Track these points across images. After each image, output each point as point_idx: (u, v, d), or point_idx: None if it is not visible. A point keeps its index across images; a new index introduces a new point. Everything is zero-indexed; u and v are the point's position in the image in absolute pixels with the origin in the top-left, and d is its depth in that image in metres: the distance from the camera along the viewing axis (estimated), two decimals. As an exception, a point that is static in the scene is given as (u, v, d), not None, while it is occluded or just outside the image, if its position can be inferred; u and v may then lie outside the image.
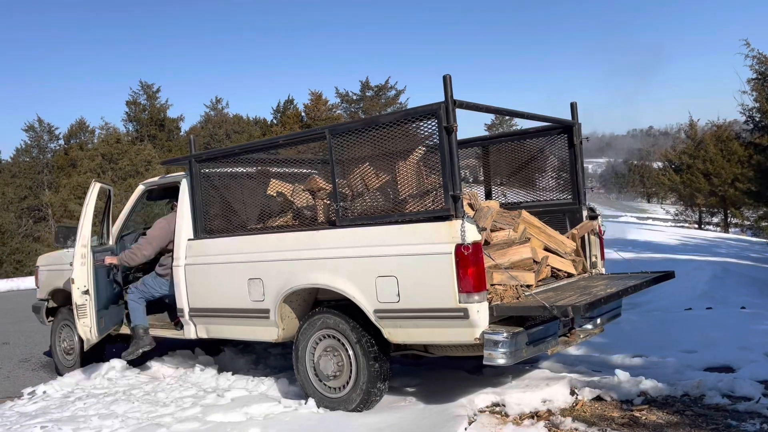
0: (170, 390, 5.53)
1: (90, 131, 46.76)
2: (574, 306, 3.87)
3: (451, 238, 4.04)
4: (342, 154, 4.67)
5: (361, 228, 4.53)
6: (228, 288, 5.33)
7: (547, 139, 5.95)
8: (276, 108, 49.07)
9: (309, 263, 4.78)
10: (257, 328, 5.23)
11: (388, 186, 4.61)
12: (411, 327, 4.28)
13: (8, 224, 37.57)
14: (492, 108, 4.81)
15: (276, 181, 5.46)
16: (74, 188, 34.23)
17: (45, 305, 7.28)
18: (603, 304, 4.22)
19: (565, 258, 5.37)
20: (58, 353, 7.07)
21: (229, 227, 5.53)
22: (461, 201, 4.12)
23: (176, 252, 5.74)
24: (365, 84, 49.14)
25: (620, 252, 7.78)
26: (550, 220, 5.67)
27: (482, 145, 6.44)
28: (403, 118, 4.37)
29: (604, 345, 5.91)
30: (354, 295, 4.50)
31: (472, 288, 3.98)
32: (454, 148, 4.08)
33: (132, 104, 46.52)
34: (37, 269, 7.45)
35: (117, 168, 35.51)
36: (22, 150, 46.57)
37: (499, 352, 3.92)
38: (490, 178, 6.41)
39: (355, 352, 4.58)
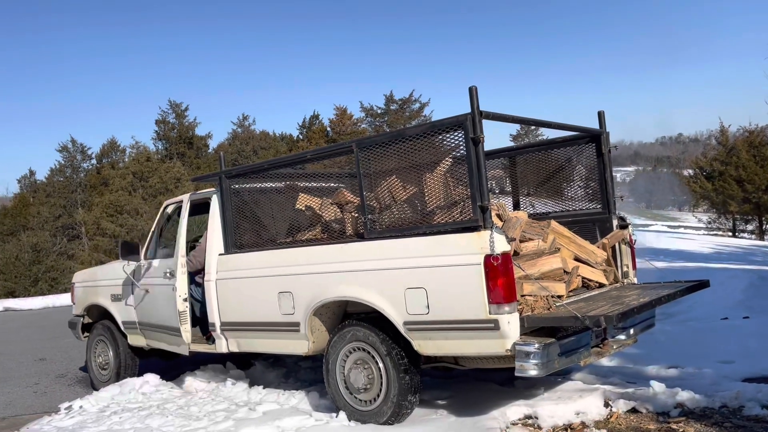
0: (203, 404, 5.59)
1: (121, 150, 47.75)
2: (607, 316, 3.83)
3: (480, 249, 4.03)
4: (369, 167, 4.70)
5: (390, 240, 4.54)
6: (258, 302, 5.38)
7: (575, 148, 5.92)
8: (302, 123, 49.57)
9: (338, 276, 4.80)
10: (288, 341, 5.26)
11: (416, 198, 4.62)
12: (441, 339, 4.27)
13: (44, 243, 38.48)
14: (518, 118, 4.81)
15: (304, 195, 5.52)
16: (106, 206, 34.90)
17: (81, 321, 7.43)
18: (636, 314, 4.16)
19: (596, 268, 5.31)
20: (94, 368, 7.20)
21: (259, 242, 5.59)
22: (490, 212, 4.11)
23: (207, 267, 5.82)
24: (389, 98, 49.37)
25: (652, 261, 7.65)
26: (579, 230, 5.62)
27: (509, 155, 6.43)
28: (429, 130, 4.39)
29: (638, 356, 5.81)
30: (383, 307, 4.50)
31: (503, 299, 3.95)
32: (482, 158, 4.08)
33: (161, 123, 47.39)
34: (73, 286, 7.62)
35: (147, 186, 36.14)
36: (56, 170, 47.74)
37: (531, 363, 3.88)
38: (517, 189, 6.38)
39: (385, 364, 4.58)
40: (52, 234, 42.08)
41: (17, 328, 13.29)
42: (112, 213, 34.37)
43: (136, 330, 6.66)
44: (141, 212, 33.80)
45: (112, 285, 6.93)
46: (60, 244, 41.33)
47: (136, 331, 6.67)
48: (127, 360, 6.90)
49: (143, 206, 34.18)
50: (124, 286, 6.77)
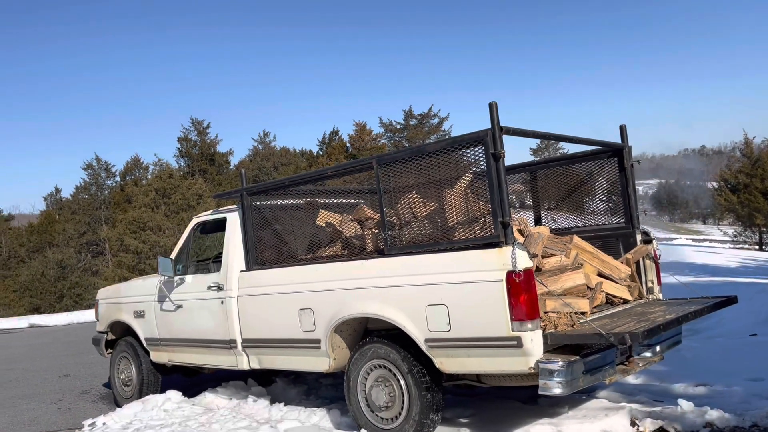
0: (224, 421, 5.58)
1: (144, 167, 48.47)
2: (632, 333, 3.76)
3: (502, 265, 3.99)
4: (389, 183, 4.70)
5: (410, 256, 4.53)
6: (279, 318, 5.38)
7: (597, 162, 5.87)
8: (322, 139, 49.96)
9: (358, 293, 4.79)
10: (308, 358, 5.25)
11: (436, 214, 4.61)
12: (463, 356, 4.23)
13: (69, 259, 39.08)
14: (539, 133, 4.77)
15: (325, 211, 5.53)
16: (129, 223, 35.35)
17: (104, 337, 7.49)
18: (662, 331, 4.08)
19: (620, 284, 5.24)
20: (117, 385, 7.25)
21: (280, 258, 5.61)
22: (511, 227, 4.08)
23: (228, 284, 5.85)
24: (408, 113, 49.56)
25: (677, 276, 7.53)
26: (602, 245, 5.55)
27: (530, 170, 6.39)
28: (450, 146, 4.38)
29: (664, 373, 5.69)
30: (404, 324, 4.48)
31: (525, 316, 3.91)
32: (503, 174, 4.05)
33: (183, 140, 48.06)
34: (97, 302, 7.69)
35: (170, 202, 36.55)
36: (81, 188, 48.57)
37: (555, 381, 3.82)
38: (539, 204, 6.34)
39: (406, 382, 4.54)
40: (76, 250, 42.74)
41: (43, 344, 13.45)
42: (135, 229, 34.79)
43: (160, 346, 6.70)
44: (163, 228, 34.16)
45: (136, 301, 6.99)
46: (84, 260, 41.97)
47: (160, 347, 6.71)
48: (150, 377, 6.94)
49: (166, 222, 34.56)
50: (147, 303, 6.82)
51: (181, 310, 6.38)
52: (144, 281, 7.17)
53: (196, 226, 6.66)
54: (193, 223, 6.69)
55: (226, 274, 5.91)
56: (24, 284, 37.47)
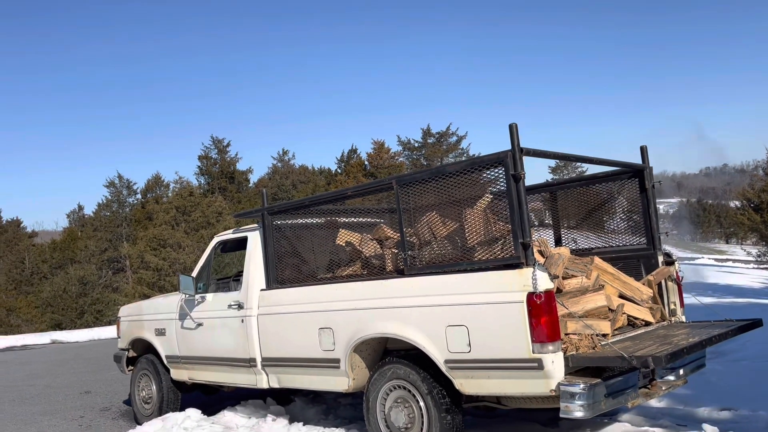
0: (243, 440, 5.59)
1: (165, 185, 49.07)
2: (655, 356, 3.72)
3: (523, 287, 3.98)
4: (409, 203, 4.73)
5: (430, 276, 4.53)
6: (299, 337, 5.40)
7: (617, 183, 5.85)
8: (340, 158, 50.23)
9: (378, 312, 4.80)
10: (328, 377, 5.26)
11: (456, 234, 4.62)
12: (483, 378, 4.21)
13: (90, 275, 39.56)
14: (559, 154, 4.78)
15: (345, 230, 5.57)
16: (150, 240, 35.71)
17: (125, 355, 7.56)
18: (685, 355, 4.03)
19: (642, 305, 5.19)
20: (137, 402, 7.30)
21: (300, 277, 5.65)
22: (531, 248, 4.08)
23: (248, 302, 5.90)
24: (426, 131, 49.77)
25: (699, 297, 7.43)
26: (623, 267, 5.52)
27: (550, 190, 6.39)
28: (470, 167, 4.40)
29: (688, 397, 5.60)
30: (424, 344, 4.47)
31: (546, 338, 3.89)
32: (523, 195, 4.06)
33: (204, 158, 48.65)
34: (119, 320, 7.78)
35: (190, 220, 36.91)
36: (103, 205, 49.28)
37: (577, 404, 3.79)
38: (559, 224, 6.32)
39: (426, 403, 4.53)
40: (98, 267, 43.24)
41: (64, 361, 13.59)
42: (156, 246, 35.14)
43: (180, 364, 6.75)
44: (183, 246, 34.46)
45: (157, 319, 7.06)
46: (105, 277, 42.41)
47: (180, 365, 6.75)
48: (170, 394, 6.98)
49: (185, 240, 34.87)
50: (168, 320, 6.88)
51: (201, 328, 6.43)
52: (165, 299, 7.24)
53: (218, 244, 6.73)
54: (215, 241, 6.76)
55: (247, 293, 5.96)
56: (46, 300, 37.96)
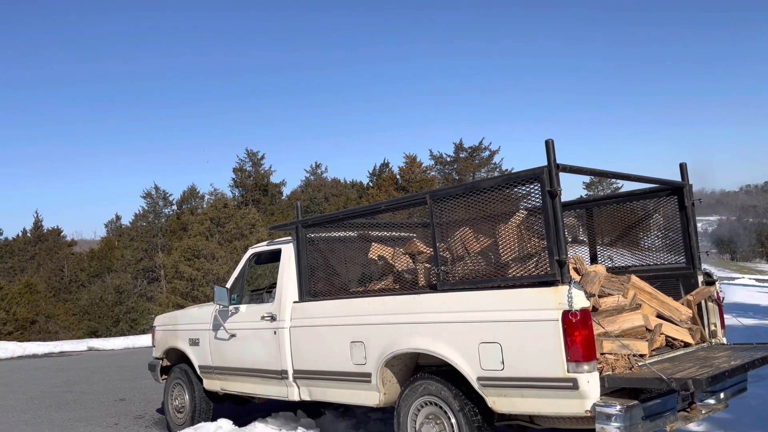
0: (274, 452, 5.61)
1: (200, 197, 49.96)
2: (695, 379, 3.62)
3: (558, 305, 3.93)
4: (443, 218, 4.72)
5: (463, 292, 4.50)
6: (331, 351, 5.41)
7: (656, 200, 5.75)
8: (372, 171, 50.48)
9: (410, 327, 4.78)
10: (359, 391, 5.25)
11: (490, 250, 4.58)
12: (516, 396, 4.15)
13: (126, 284, 40.39)
14: (596, 171, 4.71)
15: (377, 244, 5.58)
16: (184, 250, 36.29)
17: (160, 364, 7.67)
18: (727, 378, 3.91)
19: (681, 326, 5.07)
20: (170, 411, 7.38)
21: (332, 290, 5.67)
22: (567, 266, 4.02)
23: (281, 314, 5.94)
24: (459, 146, 49.71)
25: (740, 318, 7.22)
26: (662, 286, 5.40)
27: (586, 207, 6.30)
28: (505, 183, 4.37)
29: (728, 421, 5.43)
30: (456, 361, 4.44)
31: (582, 357, 3.82)
32: (559, 212, 4.01)
33: (238, 171, 49.39)
34: (154, 329, 7.90)
35: (224, 231, 37.43)
36: (140, 215, 50.37)
37: (613, 426, 3.70)
38: (595, 242, 6.23)
39: (458, 420, 4.48)
40: (133, 276, 44.13)
41: (100, 368, 13.85)
42: (190, 257, 35.68)
43: (213, 374, 6.81)
44: (217, 257, 34.93)
45: (191, 329, 7.15)
46: (140, 286, 43.26)
47: (213, 375, 6.82)
48: (202, 404, 7.05)
49: (219, 251, 35.34)
50: (202, 330, 6.97)
51: (234, 339, 6.49)
52: (200, 309, 7.33)
53: (252, 256, 6.80)
54: (249, 253, 6.84)
55: (280, 305, 6.00)
56: (83, 308, 38.86)
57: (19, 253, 49.02)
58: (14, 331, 32.58)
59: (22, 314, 34.80)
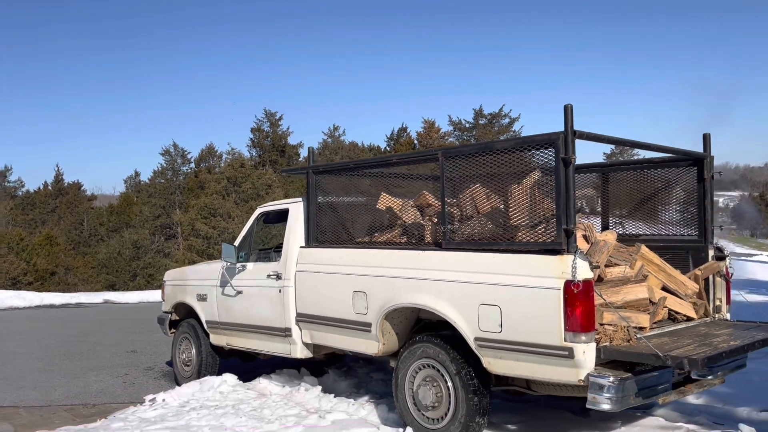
0: (275, 407, 5.72)
1: (218, 156, 50.15)
2: (691, 359, 3.58)
3: (561, 274, 3.90)
4: (453, 176, 4.66)
5: (467, 253, 4.48)
6: (333, 298, 5.47)
7: (675, 170, 5.66)
8: (390, 135, 50.19)
9: (412, 283, 4.79)
10: (359, 339, 5.31)
11: (498, 213, 4.53)
12: (511, 360, 4.17)
13: (143, 240, 40.92)
14: (614, 139, 4.56)
15: (386, 195, 5.53)
16: (201, 209, 36.61)
17: (168, 318, 7.80)
18: (724, 359, 3.86)
19: (685, 300, 5.02)
20: (178, 364, 7.54)
21: (339, 239, 5.69)
22: (574, 236, 3.96)
23: (286, 273, 5.97)
24: (478, 112, 49.13)
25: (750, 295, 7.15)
26: (671, 258, 5.35)
27: (602, 171, 6.19)
28: (519, 146, 4.28)
29: (729, 396, 5.43)
30: (455, 320, 4.45)
31: (580, 328, 3.81)
32: (571, 180, 3.93)
33: (256, 131, 49.34)
34: (164, 283, 8.01)
35: (240, 191, 37.64)
36: (158, 172, 50.72)
37: (604, 396, 3.71)
38: (608, 208, 6.15)
39: (454, 383, 4.52)
40: (151, 232, 44.69)
41: (114, 320, 14.13)
42: (206, 215, 36.02)
43: (219, 329, 6.92)
44: (233, 216, 35.22)
45: (199, 285, 7.24)
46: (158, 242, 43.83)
47: (219, 330, 6.93)
48: (209, 358, 7.18)
49: (235, 210, 35.61)
50: (210, 287, 7.05)
51: (240, 296, 6.57)
52: (208, 266, 7.41)
53: (260, 215, 6.83)
54: (257, 212, 6.86)
55: (285, 264, 6.04)
56: (102, 261, 39.54)
57: (40, 206, 49.77)
58: (34, 282, 33.33)
59: (42, 265, 35.54)
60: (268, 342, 6.31)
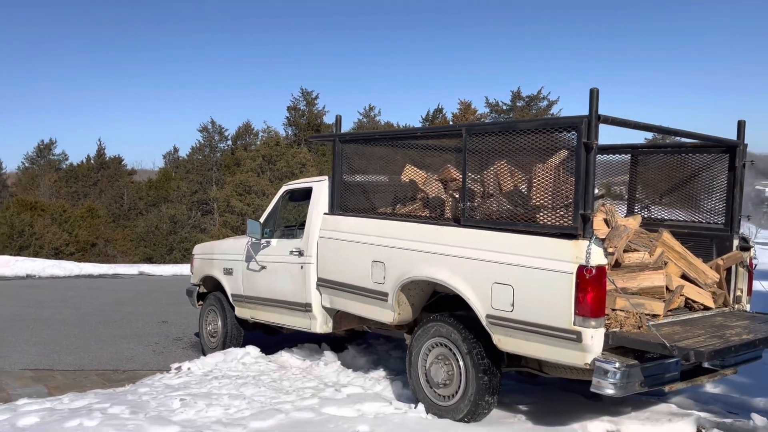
0: (294, 380, 5.89)
1: (254, 134, 50.54)
2: (698, 351, 3.57)
3: (575, 258, 3.91)
4: (476, 153, 4.68)
5: (485, 231, 4.50)
6: (353, 265, 5.59)
7: (706, 156, 5.58)
8: (425, 117, 49.86)
9: (429, 257, 4.86)
10: (375, 308, 5.43)
11: (517, 194, 4.55)
12: (521, 339, 4.21)
13: (180, 215, 41.75)
14: (641, 124, 4.47)
15: (411, 166, 5.55)
16: (236, 186, 37.16)
17: (196, 290, 8.03)
18: (733, 353, 3.84)
19: (704, 289, 4.97)
20: (204, 335, 7.78)
21: (361, 207, 5.79)
22: (591, 221, 3.96)
23: (308, 249, 6.11)
24: (516, 94, 48.43)
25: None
26: (695, 245, 5.29)
27: (632, 153, 6.12)
28: (541, 127, 4.27)
29: (746, 386, 5.39)
30: (469, 296, 4.51)
31: (590, 313, 3.83)
32: (592, 165, 3.92)
33: (292, 110, 49.58)
34: (193, 256, 8.24)
35: (275, 169, 38.03)
36: (196, 148, 51.46)
37: (609, 382, 3.73)
38: (635, 190, 6.09)
39: (465, 362, 4.60)
40: (188, 207, 45.52)
41: (148, 291, 14.57)
42: (242, 192, 36.56)
43: (244, 303, 7.12)
44: (267, 193, 35.67)
45: (226, 259, 7.44)
46: (194, 217, 44.64)
47: (244, 303, 7.12)
48: (233, 331, 7.39)
49: (269, 188, 36.05)
50: (236, 261, 7.24)
51: (264, 271, 6.74)
52: (235, 241, 7.60)
53: (285, 193, 6.97)
54: (283, 190, 7.01)
55: (308, 241, 6.17)
56: (140, 235, 40.52)
57: (83, 179, 51.09)
58: (75, 252, 34.40)
59: (83, 237, 36.64)
60: (289, 316, 6.48)
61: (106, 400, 5.28)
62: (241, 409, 5.00)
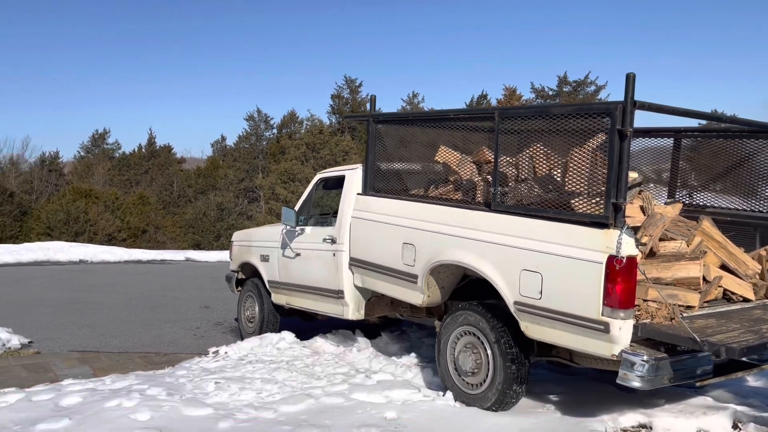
0: (326, 365, 5.97)
1: (299, 122, 51.00)
2: (729, 347, 3.45)
3: (605, 248, 3.83)
4: (508, 138, 4.62)
5: (515, 217, 4.44)
6: (384, 246, 5.62)
7: (752, 142, 5.38)
8: (469, 103, 49.33)
9: (459, 241, 4.83)
10: (405, 289, 5.44)
11: (549, 180, 4.47)
12: (548, 327, 4.16)
13: (227, 202, 42.66)
14: (681, 110, 4.26)
15: (445, 148, 5.48)
16: (281, 174, 37.67)
17: (235, 276, 8.21)
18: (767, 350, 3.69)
19: (745, 280, 4.79)
20: (242, 320, 7.96)
21: (393, 189, 5.80)
22: (623, 211, 3.85)
23: (341, 237, 6.17)
24: (563, 79, 47.42)
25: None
26: (736, 235, 5.11)
27: (675, 137, 5.93)
28: (575, 112, 4.18)
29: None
30: (497, 282, 4.47)
31: (619, 304, 3.74)
32: (626, 153, 3.81)
33: (336, 98, 49.78)
34: (232, 243, 8.42)
35: (318, 157, 38.37)
36: (243, 137, 52.33)
37: (635, 374, 3.65)
38: (677, 175, 5.91)
39: (493, 351, 4.57)
40: (235, 195, 46.46)
41: (193, 277, 14.96)
42: (286, 180, 37.05)
43: (280, 289, 7.24)
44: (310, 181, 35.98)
45: (263, 246, 7.58)
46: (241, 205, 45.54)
47: (280, 290, 7.24)
48: (270, 316, 7.53)
49: (313, 175, 36.22)
50: (272, 248, 7.36)
51: (299, 258, 6.83)
52: (272, 228, 7.72)
53: (319, 181, 7.05)
54: (317, 178, 7.08)
55: (340, 229, 6.22)
56: (189, 222, 41.58)
57: (134, 167, 52.62)
58: (127, 239, 35.56)
59: (135, 223, 37.79)
60: (323, 303, 6.56)
61: (146, 381, 5.47)
62: (273, 393, 5.11)
